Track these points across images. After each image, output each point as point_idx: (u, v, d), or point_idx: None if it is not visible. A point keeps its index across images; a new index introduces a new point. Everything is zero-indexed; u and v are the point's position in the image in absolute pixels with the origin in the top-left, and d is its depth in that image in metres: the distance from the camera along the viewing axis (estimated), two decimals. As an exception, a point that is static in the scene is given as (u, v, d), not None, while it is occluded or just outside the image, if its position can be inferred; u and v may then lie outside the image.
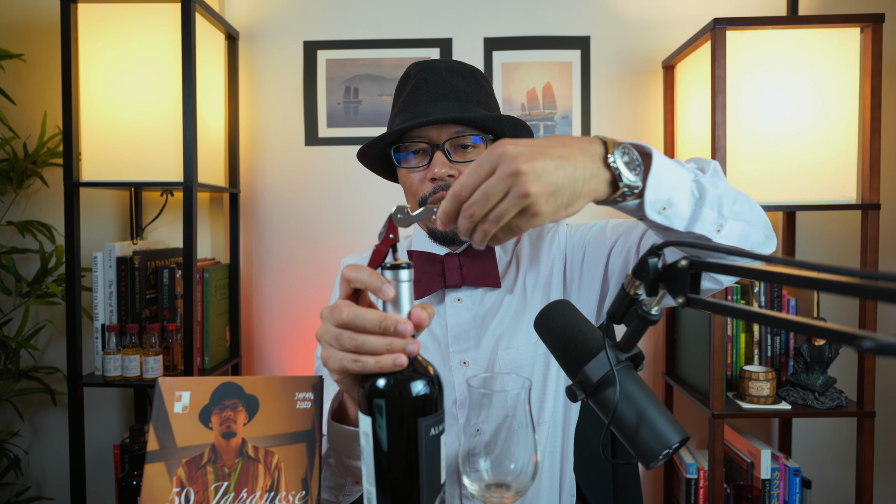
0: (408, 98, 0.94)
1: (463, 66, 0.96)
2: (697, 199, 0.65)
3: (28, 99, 1.81)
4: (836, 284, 0.37)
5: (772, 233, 0.76)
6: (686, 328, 1.71)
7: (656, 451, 0.54)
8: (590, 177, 0.58)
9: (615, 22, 1.83)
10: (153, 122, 1.52)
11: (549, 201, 0.55)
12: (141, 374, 1.55)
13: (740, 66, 1.48)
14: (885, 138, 1.74)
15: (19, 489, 1.85)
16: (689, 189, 0.64)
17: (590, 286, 0.98)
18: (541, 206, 0.55)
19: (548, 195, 0.55)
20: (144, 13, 1.51)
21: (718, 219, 0.66)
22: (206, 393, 0.66)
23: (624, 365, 0.58)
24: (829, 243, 1.83)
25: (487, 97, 0.96)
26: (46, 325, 1.85)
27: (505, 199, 0.55)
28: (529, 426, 0.61)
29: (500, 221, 0.56)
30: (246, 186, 1.87)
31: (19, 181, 1.76)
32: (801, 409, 1.50)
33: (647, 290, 0.53)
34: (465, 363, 0.97)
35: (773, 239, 0.76)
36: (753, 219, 0.71)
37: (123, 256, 1.62)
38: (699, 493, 1.65)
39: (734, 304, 0.47)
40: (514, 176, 0.54)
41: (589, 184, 0.58)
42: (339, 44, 1.84)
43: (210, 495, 0.62)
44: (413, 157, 0.94)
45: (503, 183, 0.54)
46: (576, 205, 0.58)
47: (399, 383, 0.55)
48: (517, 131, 0.95)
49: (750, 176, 1.49)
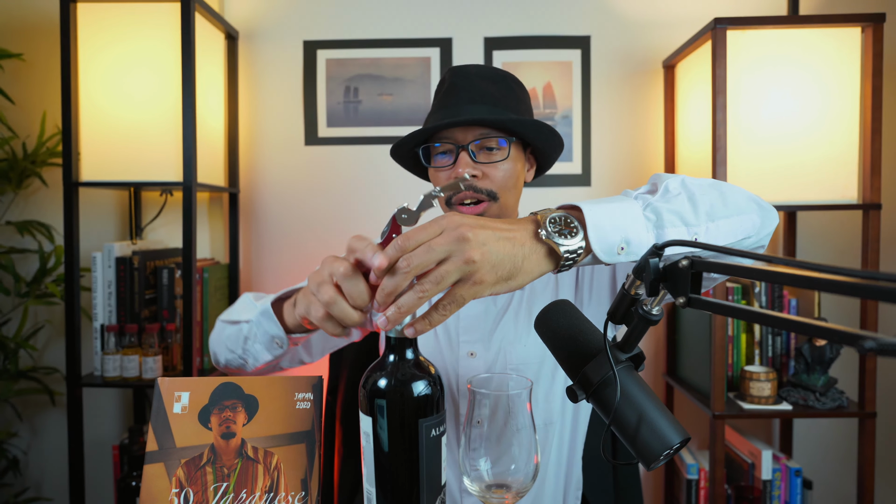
0: (440, 100, 0.98)
1: (496, 72, 0.99)
2: (655, 221, 0.64)
3: (27, 98, 1.81)
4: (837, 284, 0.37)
5: (764, 206, 0.74)
6: (686, 328, 1.71)
7: (657, 452, 0.54)
8: (529, 253, 0.59)
9: (615, 22, 1.82)
10: (153, 122, 1.52)
11: (490, 272, 0.57)
12: (140, 374, 1.55)
13: (741, 66, 1.47)
14: (886, 138, 1.74)
15: (18, 490, 1.84)
16: (642, 218, 0.64)
17: (598, 298, 0.99)
18: (484, 275, 0.56)
19: (490, 266, 0.56)
20: (144, 13, 1.51)
21: (689, 230, 0.66)
22: (205, 393, 0.66)
23: (624, 365, 0.57)
24: (829, 243, 1.83)
25: (518, 102, 0.97)
26: (45, 325, 1.85)
27: (448, 262, 0.55)
28: (530, 427, 0.61)
29: (441, 284, 0.56)
30: (245, 186, 1.87)
31: (18, 181, 1.76)
32: (802, 410, 1.49)
33: (647, 289, 0.53)
34: (472, 354, 0.98)
35: (770, 213, 0.75)
36: (731, 210, 0.70)
37: (122, 256, 1.61)
38: (700, 494, 1.65)
39: (735, 304, 0.47)
40: (459, 241, 0.55)
41: (529, 259, 0.59)
42: (338, 43, 1.83)
43: (209, 496, 0.62)
44: (441, 156, 0.98)
45: (448, 245, 0.55)
46: (517, 279, 0.59)
47: (400, 384, 0.55)
48: (542, 135, 0.96)
49: (751, 176, 1.48)
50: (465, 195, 0.94)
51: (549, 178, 1.83)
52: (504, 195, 0.96)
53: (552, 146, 0.99)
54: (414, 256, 0.55)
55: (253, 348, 0.84)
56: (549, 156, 1.03)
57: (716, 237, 0.68)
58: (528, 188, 1.81)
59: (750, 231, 0.72)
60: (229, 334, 0.88)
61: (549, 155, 1.02)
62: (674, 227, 0.65)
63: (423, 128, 0.95)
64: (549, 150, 1.00)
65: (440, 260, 0.56)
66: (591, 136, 1.84)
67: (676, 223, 0.65)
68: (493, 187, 0.94)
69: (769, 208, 0.75)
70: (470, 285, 0.57)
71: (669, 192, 0.69)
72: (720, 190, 0.72)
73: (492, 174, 0.94)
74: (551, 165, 1.07)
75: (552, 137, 0.97)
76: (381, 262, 0.55)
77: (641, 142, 1.84)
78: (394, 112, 1.84)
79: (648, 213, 0.65)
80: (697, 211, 0.67)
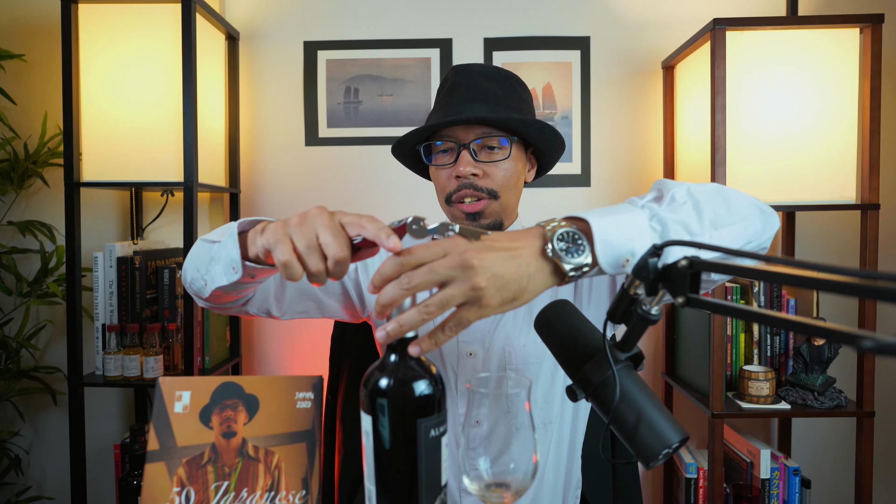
0: (442, 98, 0.98)
1: (498, 71, 0.99)
2: (661, 232, 0.65)
3: (29, 99, 1.81)
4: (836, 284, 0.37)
5: (766, 211, 0.75)
6: (686, 328, 1.71)
7: (656, 451, 0.55)
8: (534, 272, 0.60)
9: (615, 22, 1.83)
10: (154, 123, 1.52)
11: (496, 295, 0.57)
12: (141, 373, 1.56)
13: (740, 67, 1.48)
14: (885, 138, 1.74)
15: (20, 489, 1.85)
16: (648, 229, 0.64)
17: (598, 297, 0.99)
18: (490, 299, 0.57)
19: (496, 289, 0.57)
20: (145, 13, 1.52)
21: (693, 240, 0.66)
22: (206, 392, 0.66)
23: (624, 365, 0.58)
24: (828, 243, 1.83)
25: (520, 101, 0.98)
26: (47, 324, 1.85)
27: (453, 286, 0.56)
28: (529, 426, 0.61)
29: (445, 307, 0.56)
30: (246, 186, 1.87)
31: (20, 181, 1.76)
32: (801, 409, 1.50)
33: (646, 289, 0.53)
34: (471, 354, 0.98)
35: (771, 217, 0.75)
36: (734, 217, 0.71)
37: (124, 256, 1.62)
38: (699, 493, 1.66)
39: (734, 304, 0.47)
40: (464, 268, 0.55)
41: (534, 279, 0.60)
42: (339, 44, 1.84)
43: (210, 495, 0.62)
44: (441, 154, 0.98)
45: (451, 270, 0.56)
46: (522, 298, 0.59)
47: (401, 383, 0.55)
48: (544, 135, 0.96)
49: (750, 176, 1.49)
50: (465, 193, 0.94)
51: (549, 179, 1.84)
52: (504, 194, 0.96)
53: (553, 146, 1.00)
54: (416, 276, 0.55)
55: (213, 270, 0.78)
56: (550, 156, 1.03)
57: (719, 245, 0.68)
58: (528, 188, 1.81)
59: (752, 236, 0.72)
60: (200, 252, 0.83)
61: (550, 155, 1.03)
62: (679, 237, 0.65)
63: (424, 125, 0.95)
64: (551, 150, 1.01)
65: (441, 283, 0.56)
66: (591, 137, 1.84)
67: (682, 233, 0.65)
68: (493, 186, 0.95)
69: (770, 212, 0.75)
70: (476, 308, 0.57)
71: (676, 202, 0.69)
72: (723, 196, 0.72)
73: (493, 173, 0.94)
74: (552, 166, 1.07)
75: (554, 138, 0.97)
76: (385, 273, 0.56)
77: (641, 142, 1.84)
78: (394, 113, 1.84)
79: (654, 223, 0.65)
80: (702, 220, 0.67)
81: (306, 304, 1.00)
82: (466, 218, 0.96)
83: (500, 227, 0.99)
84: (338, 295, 1.02)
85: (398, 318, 0.55)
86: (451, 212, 0.98)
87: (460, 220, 0.97)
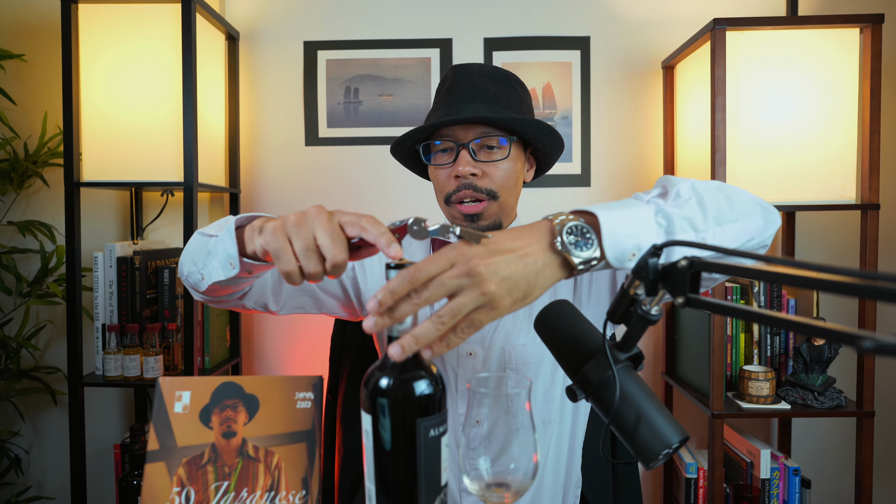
0: (441, 98, 0.98)
1: (498, 71, 0.99)
2: (666, 227, 0.65)
3: (29, 99, 1.81)
4: (836, 284, 0.37)
5: (767, 209, 0.75)
6: (686, 328, 1.71)
7: (656, 451, 0.55)
8: (543, 267, 0.60)
9: (615, 22, 1.83)
10: (153, 123, 1.52)
11: (507, 297, 0.58)
12: (141, 373, 1.56)
13: (740, 67, 1.48)
14: (885, 138, 1.74)
15: (20, 489, 1.85)
16: (653, 224, 0.64)
17: (597, 297, 0.99)
18: (501, 301, 0.57)
19: (506, 291, 0.57)
20: (145, 13, 1.52)
21: (697, 235, 0.66)
22: (206, 393, 0.66)
23: (624, 365, 0.58)
24: (828, 243, 1.83)
25: (519, 101, 0.98)
26: (47, 324, 1.85)
27: (464, 294, 0.56)
28: (529, 426, 0.61)
29: (458, 315, 0.56)
30: (246, 186, 1.87)
31: (20, 181, 1.76)
32: (801, 409, 1.50)
33: (646, 289, 0.53)
34: (471, 354, 0.98)
35: (772, 215, 0.75)
36: (737, 213, 0.71)
37: (124, 256, 1.62)
38: (699, 493, 1.66)
39: (734, 304, 0.47)
40: (472, 276, 0.56)
41: (542, 274, 0.60)
42: (339, 44, 1.84)
43: (210, 495, 0.62)
44: (440, 154, 0.97)
45: (459, 280, 0.56)
46: (533, 295, 0.60)
47: (402, 383, 0.55)
48: (543, 135, 0.96)
49: (749, 176, 1.49)
50: (464, 194, 0.94)
51: (549, 179, 1.84)
52: (504, 194, 0.96)
53: (553, 146, 1.00)
54: (425, 292, 0.56)
55: (210, 264, 0.77)
56: (549, 156, 1.03)
57: (722, 241, 0.68)
58: (527, 188, 1.81)
59: (753, 234, 0.72)
60: (197, 246, 0.83)
61: (549, 155, 1.03)
62: (684, 232, 0.65)
63: (423, 125, 0.94)
64: (550, 150, 1.01)
65: (451, 294, 0.56)
66: (591, 137, 1.84)
67: (686, 229, 0.66)
68: (492, 186, 0.94)
69: (772, 210, 0.75)
70: (488, 310, 0.57)
71: (681, 197, 0.69)
72: (726, 193, 0.73)
73: (492, 173, 0.94)
74: (551, 166, 1.07)
75: (553, 137, 0.97)
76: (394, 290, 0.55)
77: (641, 142, 1.84)
78: (394, 112, 1.84)
79: (660, 218, 0.65)
80: (706, 216, 0.68)
81: (303, 300, 1.01)
82: (465, 219, 0.96)
83: (500, 228, 0.99)
84: (336, 294, 1.02)
85: (413, 332, 0.55)
86: (450, 212, 0.98)
87: (459, 221, 0.97)
